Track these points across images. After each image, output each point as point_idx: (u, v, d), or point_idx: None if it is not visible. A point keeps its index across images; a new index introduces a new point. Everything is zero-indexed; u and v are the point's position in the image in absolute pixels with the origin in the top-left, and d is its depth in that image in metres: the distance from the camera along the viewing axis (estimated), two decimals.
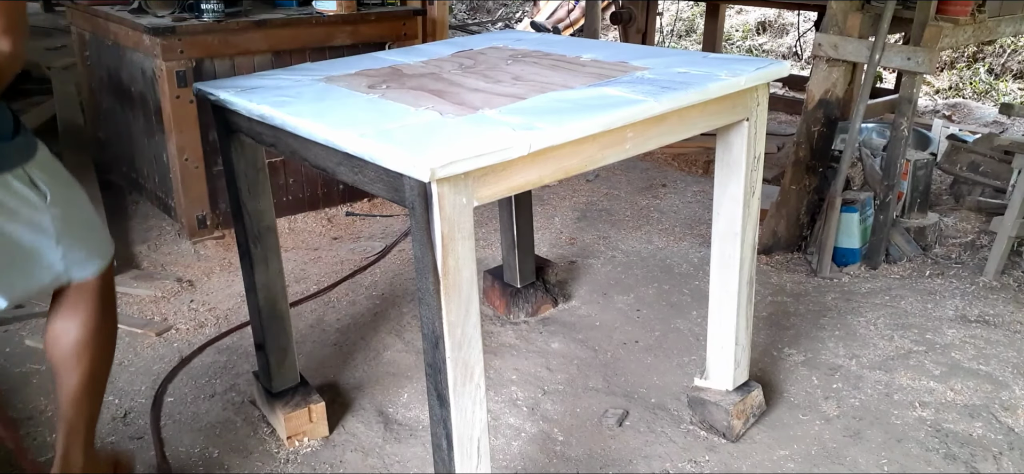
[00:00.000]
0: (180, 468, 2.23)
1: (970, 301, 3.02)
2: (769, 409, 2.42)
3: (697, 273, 3.31)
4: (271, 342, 2.29)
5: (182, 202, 3.63)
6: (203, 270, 3.41)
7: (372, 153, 1.49)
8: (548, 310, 3.05)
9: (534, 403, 2.49)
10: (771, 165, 4.37)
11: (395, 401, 2.51)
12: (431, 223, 1.45)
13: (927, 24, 3.20)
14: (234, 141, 2.06)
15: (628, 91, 1.81)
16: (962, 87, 6.59)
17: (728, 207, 2.14)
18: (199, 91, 2.05)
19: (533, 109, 1.69)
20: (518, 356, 2.74)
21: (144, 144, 3.92)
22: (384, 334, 2.90)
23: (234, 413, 2.45)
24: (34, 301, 3.06)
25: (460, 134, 1.54)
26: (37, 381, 2.62)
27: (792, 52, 7.80)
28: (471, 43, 2.58)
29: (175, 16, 3.57)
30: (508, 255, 3.01)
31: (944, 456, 2.22)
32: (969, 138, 4.45)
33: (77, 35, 4.36)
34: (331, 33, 3.83)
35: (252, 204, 2.13)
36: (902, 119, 3.21)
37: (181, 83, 3.43)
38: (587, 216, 4.00)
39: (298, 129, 1.70)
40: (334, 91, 1.94)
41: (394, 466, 2.24)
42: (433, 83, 1.99)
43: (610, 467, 2.21)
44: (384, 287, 3.26)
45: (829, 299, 3.09)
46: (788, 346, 2.77)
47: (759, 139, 2.08)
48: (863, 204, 3.33)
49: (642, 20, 5.89)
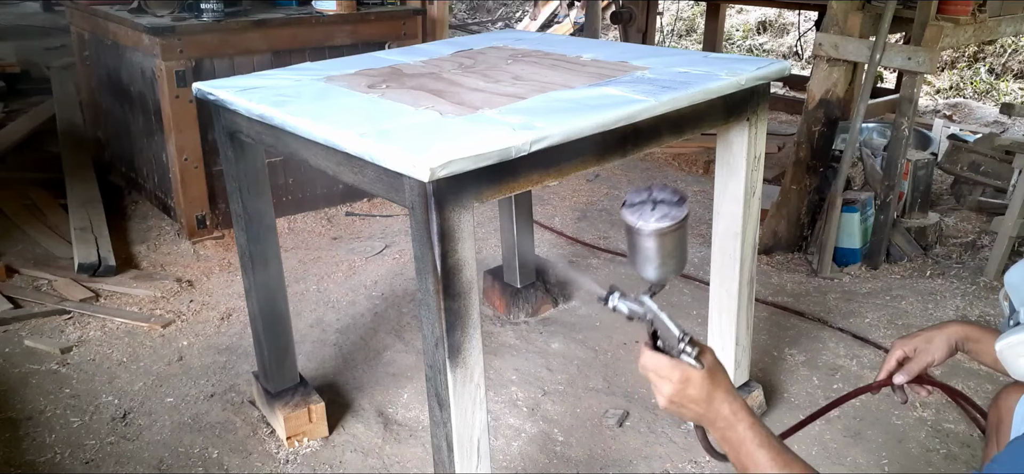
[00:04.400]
0: (180, 468, 2.22)
1: (971, 301, 3.02)
2: (770, 409, 2.41)
3: (697, 273, 3.30)
4: (271, 342, 2.29)
5: (181, 202, 3.62)
6: (202, 270, 3.41)
7: (372, 153, 1.49)
8: (548, 310, 3.04)
9: (534, 403, 2.48)
10: (771, 165, 4.36)
11: (395, 401, 2.51)
12: (431, 223, 1.44)
13: (928, 24, 3.20)
14: (234, 141, 2.06)
15: (628, 91, 1.80)
16: (963, 87, 6.59)
17: (728, 207, 2.13)
18: (199, 91, 2.05)
19: (533, 109, 1.68)
20: (518, 356, 2.74)
21: (143, 144, 3.92)
22: (384, 334, 2.90)
23: (234, 413, 2.45)
24: (33, 301, 3.06)
25: (460, 134, 1.53)
26: (37, 381, 2.61)
27: (793, 52, 7.79)
28: (471, 43, 2.58)
29: (175, 16, 3.57)
30: (508, 255, 3.01)
31: (945, 456, 2.22)
32: (970, 138, 4.45)
33: (76, 35, 4.36)
34: (331, 33, 3.83)
35: (252, 204, 2.13)
36: (903, 119, 3.21)
37: (181, 83, 3.42)
38: (587, 216, 3.99)
39: (298, 129, 1.69)
40: (334, 91, 1.94)
41: (394, 466, 2.23)
42: (433, 83, 1.98)
43: (610, 467, 2.21)
44: (384, 287, 3.25)
45: (830, 299, 3.09)
46: (789, 346, 2.76)
47: (759, 139, 2.08)
48: (864, 204, 3.32)
49: (642, 20, 5.89)
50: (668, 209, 1.17)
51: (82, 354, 2.77)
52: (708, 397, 1.17)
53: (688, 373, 1.16)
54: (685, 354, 1.17)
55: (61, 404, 2.49)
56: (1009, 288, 1.33)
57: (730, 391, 1.19)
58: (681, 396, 1.17)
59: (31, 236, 3.66)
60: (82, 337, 2.88)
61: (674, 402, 1.18)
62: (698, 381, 1.16)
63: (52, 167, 4.31)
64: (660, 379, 1.18)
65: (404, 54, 2.42)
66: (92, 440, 2.33)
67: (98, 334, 2.90)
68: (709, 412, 1.17)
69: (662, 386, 1.18)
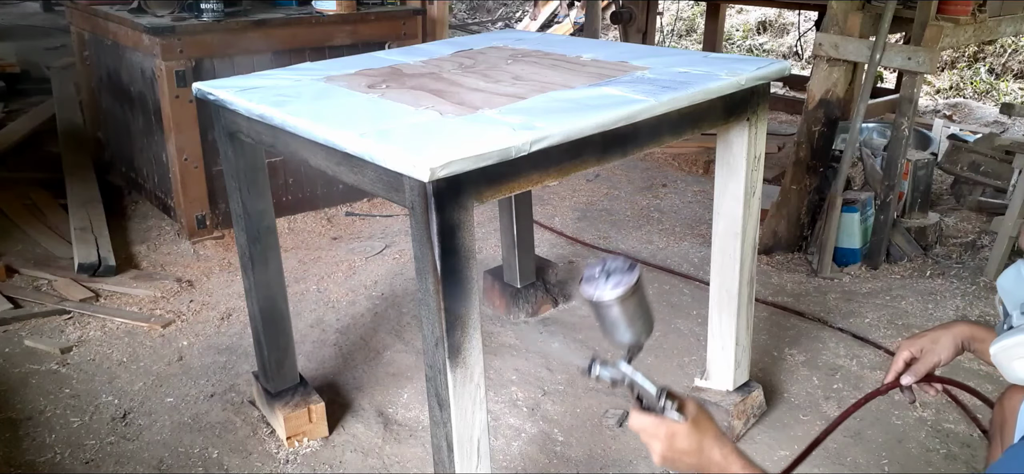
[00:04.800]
0: (180, 468, 2.22)
1: (971, 301, 3.02)
2: (770, 409, 2.41)
3: (697, 273, 3.30)
4: (271, 342, 2.29)
5: (181, 202, 3.62)
6: (202, 270, 3.41)
7: (372, 153, 1.49)
8: (548, 310, 3.04)
9: (534, 403, 2.48)
10: (771, 165, 4.36)
11: (395, 401, 2.51)
12: (431, 223, 1.44)
13: (928, 24, 3.20)
14: (234, 141, 2.06)
15: (628, 91, 1.80)
16: (963, 87, 6.59)
17: (728, 207, 2.13)
18: (199, 91, 2.05)
19: (533, 109, 1.68)
20: (518, 356, 2.74)
21: (143, 144, 3.92)
22: (384, 334, 2.90)
23: (234, 413, 2.45)
24: (33, 301, 3.06)
25: (460, 134, 1.53)
26: (37, 381, 2.61)
27: (793, 52, 7.79)
28: (471, 43, 2.58)
29: (175, 16, 3.57)
30: (508, 255, 3.01)
31: (945, 456, 2.22)
32: (970, 138, 4.45)
33: (76, 35, 4.36)
34: (331, 33, 3.83)
35: (252, 204, 2.13)
36: (903, 119, 3.21)
37: (180, 83, 3.42)
38: (587, 216, 3.99)
39: (298, 129, 1.69)
40: (334, 91, 1.94)
41: (394, 466, 2.23)
42: (433, 83, 1.98)
43: (610, 468, 2.21)
44: (384, 287, 3.25)
45: (830, 299, 3.09)
46: (789, 346, 2.76)
47: (759, 139, 2.08)
48: (864, 204, 3.32)
49: (642, 20, 5.89)
50: (620, 277, 1.26)
51: (82, 354, 2.77)
52: (697, 447, 1.20)
53: (673, 428, 1.20)
54: (667, 410, 1.22)
55: (61, 404, 2.49)
56: (1002, 292, 1.35)
57: (718, 436, 1.22)
58: (671, 451, 1.21)
59: (31, 236, 3.66)
60: (82, 337, 2.88)
61: (667, 458, 1.22)
62: (684, 433, 1.20)
63: (52, 167, 4.32)
64: (650, 438, 1.22)
65: (404, 54, 2.42)
66: (92, 440, 2.33)
67: (98, 334, 2.90)
68: (702, 460, 1.20)
69: (653, 445, 1.22)
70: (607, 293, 1.25)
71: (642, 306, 1.30)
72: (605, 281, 1.27)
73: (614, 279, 1.27)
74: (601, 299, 1.26)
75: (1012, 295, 1.32)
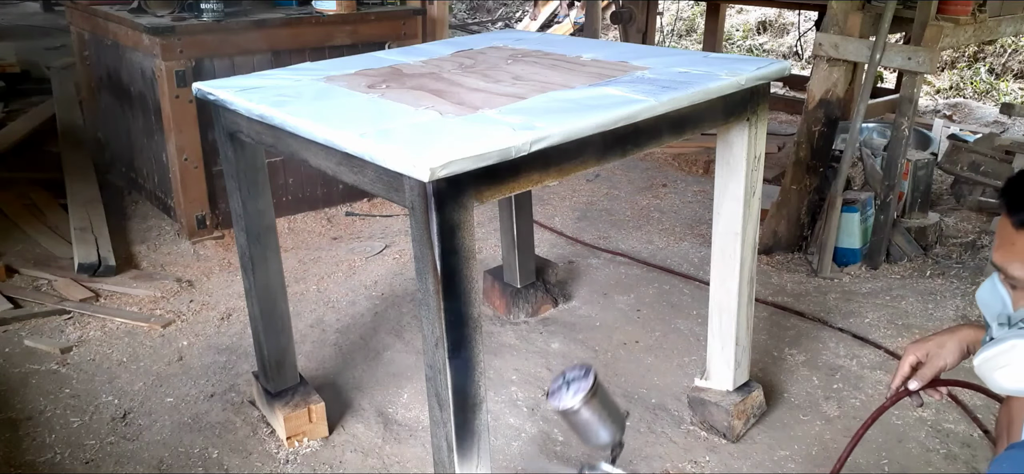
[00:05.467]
0: (180, 468, 2.22)
1: (971, 301, 3.01)
2: (770, 409, 2.41)
3: (697, 273, 3.30)
4: (271, 342, 2.29)
5: (181, 202, 3.63)
6: (202, 270, 3.41)
7: (372, 153, 1.49)
8: (548, 310, 3.04)
9: (534, 403, 2.48)
10: (771, 165, 4.36)
11: (395, 401, 2.51)
12: (431, 223, 1.44)
13: (928, 24, 3.20)
14: (234, 141, 2.06)
15: (628, 91, 1.80)
16: (963, 87, 6.59)
17: (728, 207, 2.13)
18: (199, 91, 2.05)
19: (533, 109, 1.68)
20: (518, 356, 2.74)
21: (143, 144, 3.92)
22: (384, 334, 2.90)
23: (234, 413, 2.45)
24: (33, 301, 3.06)
25: (460, 134, 1.53)
26: (37, 381, 2.61)
27: (793, 52, 7.79)
28: (471, 43, 2.58)
29: (175, 16, 3.57)
30: (508, 255, 3.01)
31: (945, 456, 2.22)
32: (970, 138, 4.45)
33: (76, 35, 4.36)
34: (331, 33, 3.83)
35: (252, 204, 2.13)
36: (903, 119, 3.21)
37: (181, 83, 3.42)
38: (587, 216, 3.99)
39: (298, 129, 1.69)
40: (334, 91, 1.94)
41: (394, 466, 2.23)
42: (433, 83, 1.98)
43: None
44: (384, 287, 3.25)
45: (830, 299, 3.09)
46: (789, 346, 2.76)
47: (759, 139, 2.08)
48: (864, 204, 3.32)
49: (642, 20, 5.89)
50: (579, 383, 1.38)
51: (82, 354, 2.77)
52: None
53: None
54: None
55: (61, 404, 2.49)
56: (980, 306, 1.36)
57: None
58: None
59: (31, 236, 3.66)
60: (82, 337, 2.88)
61: None
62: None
63: (52, 167, 4.31)
64: None
65: (404, 54, 2.42)
66: (92, 440, 2.33)
67: (98, 334, 2.90)
68: None
69: None
70: (570, 400, 1.37)
71: (608, 404, 1.41)
72: (566, 390, 1.39)
73: (574, 387, 1.39)
74: (569, 407, 1.37)
75: (990, 307, 1.34)
